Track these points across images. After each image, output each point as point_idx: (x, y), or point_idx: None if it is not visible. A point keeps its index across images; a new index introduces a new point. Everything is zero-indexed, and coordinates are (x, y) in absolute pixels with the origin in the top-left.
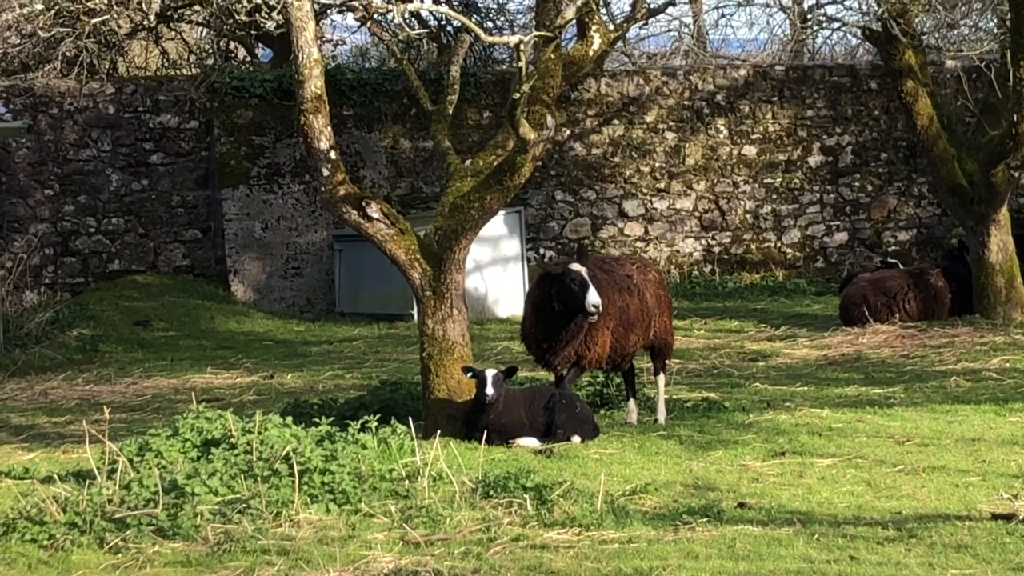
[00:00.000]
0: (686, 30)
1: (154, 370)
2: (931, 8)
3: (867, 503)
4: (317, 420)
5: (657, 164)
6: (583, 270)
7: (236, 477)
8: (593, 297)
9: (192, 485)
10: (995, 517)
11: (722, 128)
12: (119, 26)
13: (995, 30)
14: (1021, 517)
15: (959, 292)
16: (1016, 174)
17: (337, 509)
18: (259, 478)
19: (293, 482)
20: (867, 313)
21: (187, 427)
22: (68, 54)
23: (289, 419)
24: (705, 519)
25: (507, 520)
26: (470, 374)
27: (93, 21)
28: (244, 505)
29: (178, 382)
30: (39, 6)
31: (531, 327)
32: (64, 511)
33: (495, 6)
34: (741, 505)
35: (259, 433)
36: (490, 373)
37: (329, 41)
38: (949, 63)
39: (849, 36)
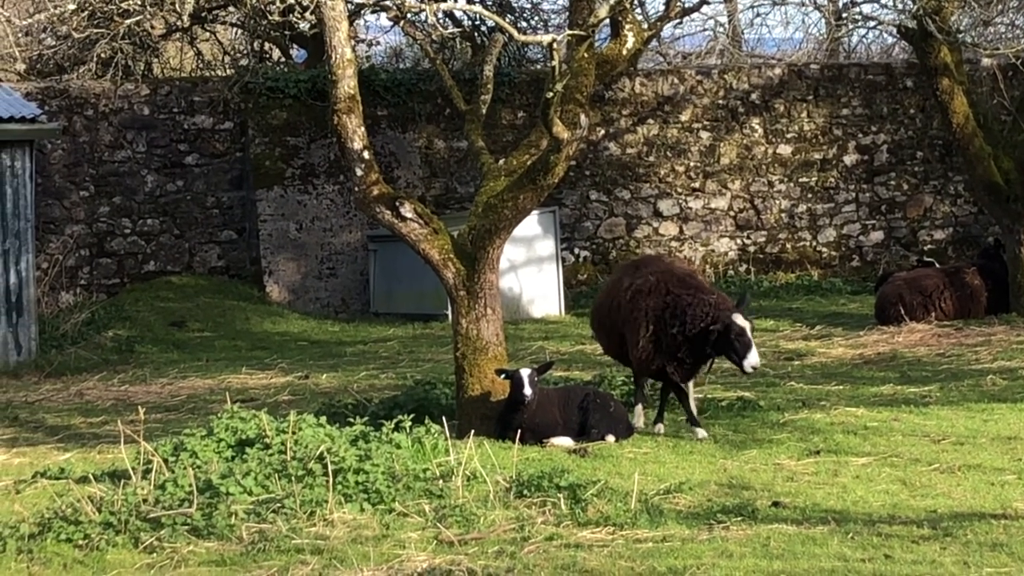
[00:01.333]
0: (721, 29)
1: (189, 371)
2: (967, 5)
3: (902, 502)
4: (351, 420)
5: (692, 163)
6: (747, 326)
7: (270, 477)
8: (754, 359)
9: (226, 485)
10: None
11: (757, 127)
12: (153, 27)
13: None
14: None
15: (995, 291)
16: None
17: (371, 508)
18: (293, 478)
19: (327, 482)
20: (903, 312)
21: (222, 427)
22: (103, 55)
23: (323, 419)
24: (739, 518)
25: (541, 519)
26: (504, 375)
27: (127, 22)
28: (278, 504)
29: (213, 382)
30: (71, 6)
31: (650, 347)
32: (99, 511)
33: (529, 5)
34: (776, 504)
35: (293, 433)
36: (525, 373)
37: (363, 41)
38: (985, 61)
39: (884, 34)
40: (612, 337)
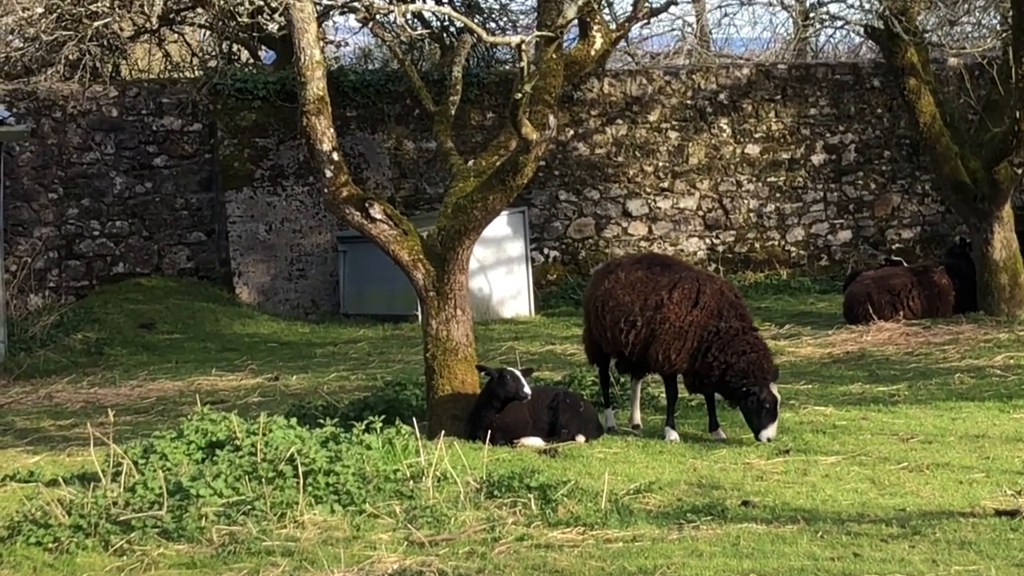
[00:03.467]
0: (689, 29)
1: (159, 373)
2: (933, 5)
3: (871, 500)
4: (322, 421)
5: (660, 163)
6: (778, 399)
7: (240, 479)
8: (771, 432)
9: (197, 487)
10: (999, 513)
11: (725, 127)
12: (121, 29)
13: (997, 27)
14: None
15: (963, 289)
16: (1019, 171)
17: (341, 510)
18: (263, 479)
19: (297, 483)
20: (871, 311)
21: (192, 429)
22: (71, 57)
23: (294, 420)
24: (709, 517)
25: (511, 520)
26: (484, 372)
27: (95, 24)
28: (248, 507)
29: (183, 384)
30: (40, 8)
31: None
32: (69, 514)
33: (497, 6)
34: (745, 503)
35: (263, 435)
36: (517, 372)
37: (331, 42)
38: (952, 60)
39: (851, 34)
40: (618, 327)
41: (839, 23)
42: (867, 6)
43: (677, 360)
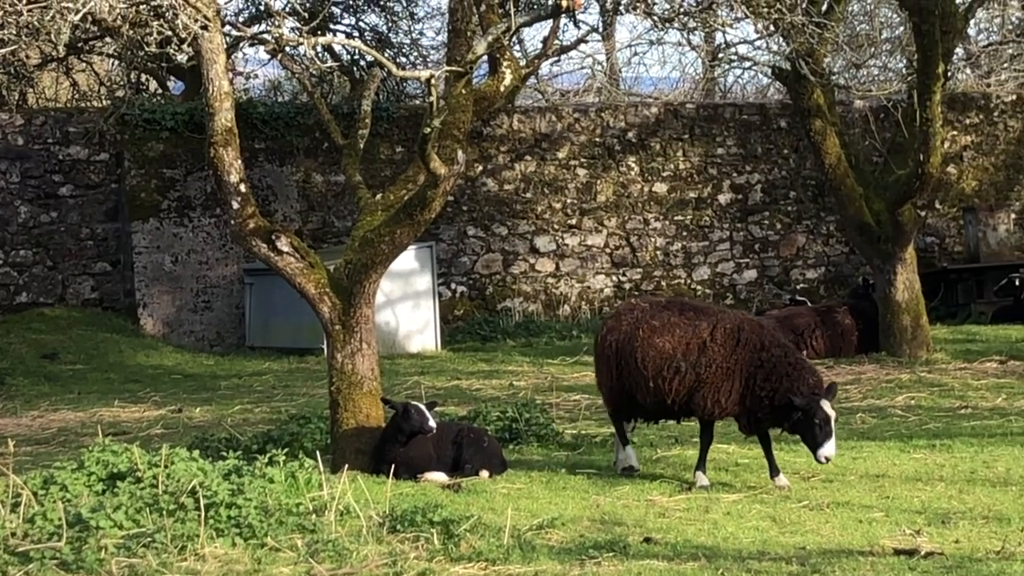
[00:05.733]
0: (599, 67)
1: (61, 403)
2: (840, 48)
3: (772, 538)
4: (225, 454)
5: (569, 200)
6: (833, 416)
7: (142, 511)
8: (829, 450)
9: (97, 518)
10: (897, 553)
11: (633, 165)
12: (28, 57)
13: (903, 71)
14: (923, 553)
15: (866, 330)
16: (922, 213)
17: (243, 543)
18: (165, 512)
19: (199, 516)
20: None
21: (93, 460)
22: None
23: (196, 453)
24: (611, 553)
25: (414, 554)
26: (388, 405)
27: (2, 52)
28: (149, 539)
29: (85, 415)
30: None
31: (736, 400)
32: None
33: (408, 41)
34: (647, 540)
35: (165, 467)
36: (421, 405)
37: (241, 74)
38: (857, 103)
39: (759, 75)
40: (661, 375)
41: (747, 64)
42: (775, 48)
43: (728, 403)
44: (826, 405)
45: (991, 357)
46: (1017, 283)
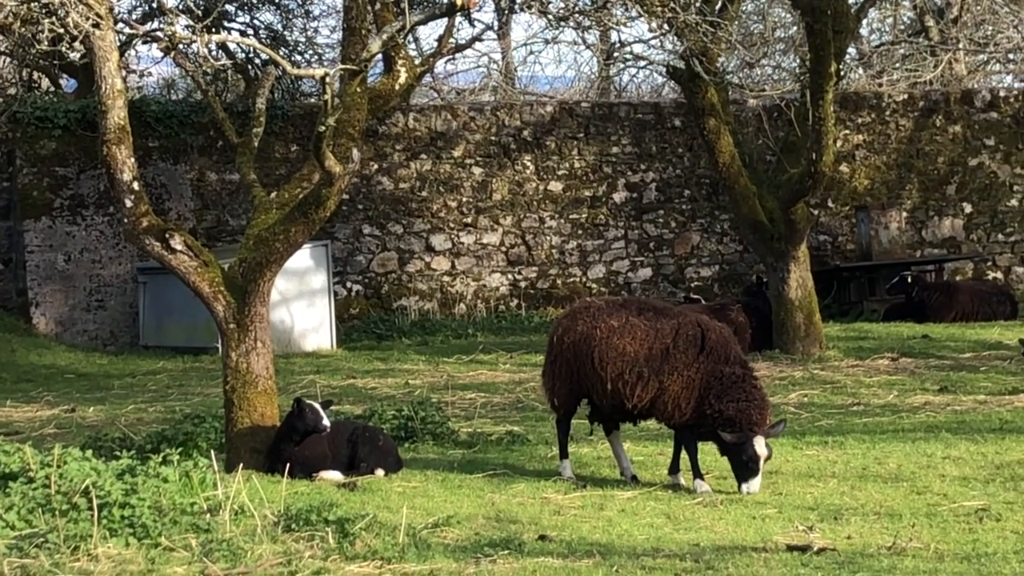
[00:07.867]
0: (494, 66)
1: None
2: (733, 47)
3: (666, 535)
4: (118, 454)
5: (464, 199)
6: (764, 456)
7: (34, 511)
8: (753, 487)
9: None
10: (790, 548)
11: (529, 164)
12: None
13: (796, 70)
14: (815, 549)
15: (759, 327)
16: (815, 212)
17: (137, 543)
18: (57, 512)
19: (92, 516)
20: None
21: None
22: None
23: (89, 452)
24: (506, 551)
25: (308, 553)
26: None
27: None
28: (42, 539)
29: None
30: None
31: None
32: None
33: (303, 39)
34: (542, 537)
35: (58, 466)
36: (315, 404)
37: (134, 72)
38: (751, 102)
39: (654, 74)
40: (622, 379)
41: (642, 63)
42: (669, 46)
43: (687, 409)
44: (759, 444)
45: (883, 354)
46: (909, 281)
